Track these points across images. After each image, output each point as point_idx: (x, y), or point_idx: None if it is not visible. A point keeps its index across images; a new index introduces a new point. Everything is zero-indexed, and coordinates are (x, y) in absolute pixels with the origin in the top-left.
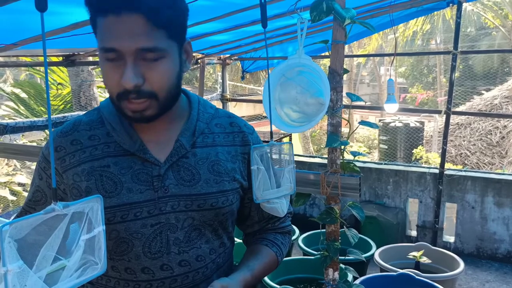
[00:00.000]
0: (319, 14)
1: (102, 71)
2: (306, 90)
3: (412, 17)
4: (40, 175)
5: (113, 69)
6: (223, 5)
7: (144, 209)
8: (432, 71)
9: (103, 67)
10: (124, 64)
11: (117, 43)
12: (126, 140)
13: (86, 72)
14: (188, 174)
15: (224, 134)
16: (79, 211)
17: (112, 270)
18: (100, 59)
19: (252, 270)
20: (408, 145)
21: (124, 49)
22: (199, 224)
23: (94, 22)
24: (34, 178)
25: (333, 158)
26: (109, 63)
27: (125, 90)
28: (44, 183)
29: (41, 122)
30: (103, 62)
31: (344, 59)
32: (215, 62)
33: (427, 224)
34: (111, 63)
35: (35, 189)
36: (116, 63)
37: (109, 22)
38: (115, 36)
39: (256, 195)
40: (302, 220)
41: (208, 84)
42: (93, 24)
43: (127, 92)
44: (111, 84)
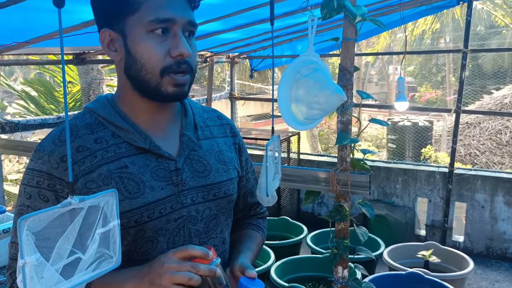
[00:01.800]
0: (330, 11)
1: (145, 46)
2: (325, 87)
3: (422, 15)
4: (45, 196)
5: (159, 43)
6: (233, 3)
7: (167, 204)
8: (441, 70)
9: (147, 43)
10: (174, 36)
11: (173, 14)
12: (137, 138)
13: (95, 71)
14: (200, 165)
15: (216, 126)
16: (95, 205)
17: None
18: (140, 35)
19: (252, 251)
20: (417, 144)
21: (179, 19)
22: (215, 214)
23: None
24: (32, 207)
25: (343, 155)
26: (156, 37)
27: (175, 62)
28: (52, 203)
29: (52, 120)
30: (147, 36)
31: (354, 57)
32: (224, 60)
33: (436, 223)
34: (158, 37)
35: None
36: (162, 37)
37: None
38: (170, 7)
39: (267, 190)
40: (310, 219)
41: (215, 83)
42: (128, 1)
43: (177, 63)
44: (156, 58)
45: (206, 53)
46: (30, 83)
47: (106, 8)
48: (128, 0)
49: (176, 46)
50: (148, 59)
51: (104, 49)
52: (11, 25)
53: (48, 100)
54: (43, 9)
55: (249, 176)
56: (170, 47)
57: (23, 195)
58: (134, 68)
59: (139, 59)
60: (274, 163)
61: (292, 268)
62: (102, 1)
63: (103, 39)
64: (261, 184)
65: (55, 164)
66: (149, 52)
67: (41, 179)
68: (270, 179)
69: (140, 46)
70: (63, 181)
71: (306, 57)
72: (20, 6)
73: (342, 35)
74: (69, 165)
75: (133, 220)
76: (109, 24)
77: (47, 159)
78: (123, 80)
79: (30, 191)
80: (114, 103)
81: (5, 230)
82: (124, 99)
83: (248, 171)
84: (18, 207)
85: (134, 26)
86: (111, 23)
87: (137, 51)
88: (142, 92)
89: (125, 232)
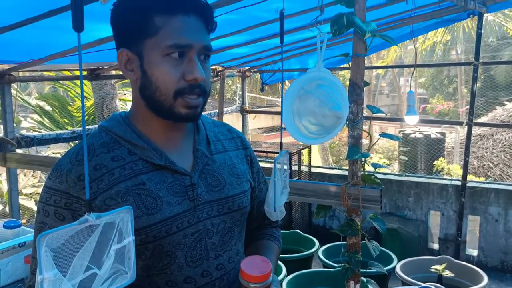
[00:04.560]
0: (339, 28)
1: (161, 69)
2: (324, 104)
3: (432, 28)
4: (60, 215)
5: (175, 66)
6: (244, 19)
7: (184, 219)
8: (453, 82)
9: (163, 66)
10: (189, 61)
11: (190, 40)
12: (152, 155)
13: (109, 85)
14: (215, 179)
15: (228, 140)
16: (111, 222)
17: (150, 286)
18: (157, 58)
19: (273, 264)
20: (429, 156)
21: (195, 44)
22: (230, 227)
23: (151, 22)
24: (49, 225)
25: (354, 170)
26: (172, 60)
27: (188, 85)
28: (68, 222)
29: (66, 135)
30: (163, 60)
31: (364, 71)
32: (235, 74)
33: (449, 236)
34: (174, 60)
35: None
36: (178, 61)
37: (180, 21)
38: (188, 33)
39: (275, 204)
40: (322, 232)
41: (226, 96)
42: (148, 25)
43: (191, 87)
44: (171, 80)
45: (218, 67)
46: (45, 98)
47: (125, 29)
48: (147, 24)
49: (190, 71)
50: (163, 81)
51: (120, 68)
52: (27, 42)
53: (62, 114)
54: (58, 27)
55: (261, 187)
56: (185, 71)
57: (41, 213)
58: (149, 89)
59: (154, 81)
60: (282, 178)
61: (304, 282)
62: (122, 23)
63: (121, 59)
64: (269, 199)
65: (72, 183)
66: (164, 75)
67: (58, 197)
68: (278, 193)
69: (156, 68)
70: (80, 199)
71: (314, 73)
72: (36, 24)
73: (352, 51)
74: (86, 182)
75: (151, 235)
76: (127, 45)
77: (65, 178)
78: (138, 98)
79: (48, 209)
80: (128, 121)
81: (20, 244)
82: (138, 117)
83: (260, 181)
84: (38, 224)
85: (152, 49)
86: (129, 44)
87: (153, 73)
88: (156, 112)
89: (143, 247)
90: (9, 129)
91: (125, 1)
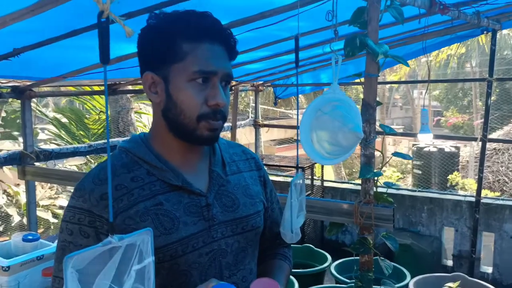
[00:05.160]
0: (352, 49)
1: (186, 94)
2: (343, 125)
3: (446, 44)
4: (85, 233)
5: (199, 91)
6: (259, 36)
7: (199, 239)
8: (468, 95)
9: (187, 90)
10: (213, 87)
11: (215, 67)
12: (170, 176)
13: (124, 99)
14: (229, 200)
15: (242, 161)
16: (132, 243)
17: None
18: (182, 83)
19: (282, 285)
20: (443, 170)
21: (219, 71)
22: (244, 246)
23: (178, 48)
24: (74, 243)
25: (366, 188)
26: (196, 85)
27: (211, 110)
28: (93, 239)
29: (83, 148)
30: (189, 85)
31: (377, 92)
32: (248, 88)
33: (463, 253)
34: (198, 85)
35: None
36: (202, 86)
37: (207, 49)
38: (213, 60)
39: (292, 226)
40: (334, 247)
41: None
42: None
43: (213, 112)
44: (195, 104)
45: (231, 81)
46: (62, 111)
47: (153, 54)
48: (175, 50)
49: (213, 96)
50: (188, 105)
51: (145, 90)
52: (48, 60)
53: (78, 127)
54: (78, 46)
55: (274, 207)
56: (208, 96)
57: (65, 231)
58: (174, 112)
59: (179, 105)
60: (298, 200)
61: None
62: (150, 47)
63: (145, 81)
64: (285, 221)
65: (95, 202)
66: (189, 99)
67: (82, 216)
68: (294, 216)
69: (182, 93)
70: (102, 218)
71: (329, 95)
72: (56, 43)
73: (365, 71)
74: (109, 205)
75: (168, 254)
76: (153, 68)
77: (88, 197)
78: (159, 120)
79: (72, 228)
80: (148, 142)
81: (39, 257)
82: (158, 138)
83: (273, 201)
84: (61, 242)
85: (178, 74)
86: (155, 68)
87: (178, 97)
88: (178, 134)
89: (160, 266)
90: (29, 143)
91: (154, 27)
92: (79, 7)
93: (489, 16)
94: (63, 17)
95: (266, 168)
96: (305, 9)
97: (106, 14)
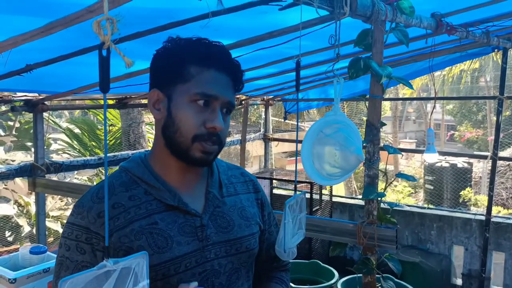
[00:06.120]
0: (356, 71)
1: (185, 113)
2: (345, 147)
3: (456, 61)
4: (82, 249)
5: (199, 113)
6: (269, 54)
7: (192, 259)
8: (482, 109)
9: (187, 109)
10: (213, 111)
11: (218, 92)
12: (166, 196)
13: (136, 112)
14: (224, 221)
15: (240, 183)
16: (127, 267)
17: None
18: (184, 102)
19: None
20: (455, 186)
21: (221, 97)
22: (237, 267)
23: (186, 70)
24: (70, 259)
25: (369, 209)
26: (197, 107)
27: (207, 132)
28: (89, 256)
29: (93, 161)
30: (189, 105)
31: (381, 113)
32: (258, 103)
33: (473, 272)
34: (199, 107)
35: (79, 268)
36: (202, 109)
37: (212, 75)
38: (216, 86)
39: (285, 246)
40: (342, 262)
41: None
42: (183, 73)
43: (209, 134)
44: (192, 124)
45: (242, 96)
46: (75, 122)
47: (163, 73)
48: (183, 71)
49: (212, 119)
50: (185, 124)
51: (149, 106)
52: (60, 75)
53: (90, 138)
54: (88, 63)
55: (272, 230)
56: (207, 119)
57: (63, 247)
58: (171, 129)
59: (177, 122)
60: (297, 219)
61: None
62: (161, 68)
63: (151, 98)
64: (279, 240)
65: (93, 220)
66: (187, 119)
67: (80, 233)
68: (289, 235)
69: (181, 111)
70: (99, 235)
71: (331, 117)
72: (68, 61)
73: (369, 92)
74: (106, 230)
75: (160, 273)
76: (160, 87)
77: (86, 214)
78: (159, 137)
79: (69, 244)
80: (147, 162)
81: (45, 270)
82: (157, 157)
83: (271, 224)
84: (59, 257)
85: (181, 93)
86: (162, 86)
87: (177, 115)
88: (173, 152)
89: (152, 285)
90: (40, 155)
91: (168, 50)
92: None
93: (499, 35)
94: (73, 36)
95: (275, 182)
96: (308, 31)
97: (107, 45)
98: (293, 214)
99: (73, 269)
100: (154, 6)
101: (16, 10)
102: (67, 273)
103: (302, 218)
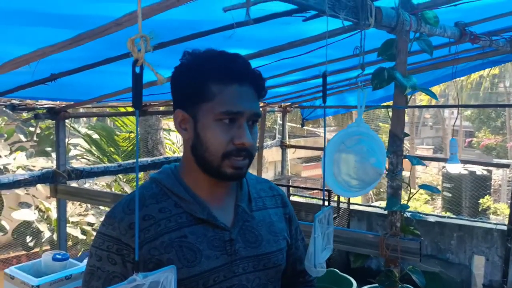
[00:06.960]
0: (380, 82)
1: (212, 133)
2: (365, 160)
3: (478, 69)
4: (113, 260)
5: (226, 130)
6: (289, 62)
7: (221, 273)
8: (501, 115)
9: (214, 129)
10: (239, 127)
11: (243, 107)
12: (196, 209)
13: (154, 118)
14: (252, 236)
15: (269, 197)
16: (156, 280)
17: None
18: (209, 122)
19: None
20: (474, 194)
21: (246, 112)
22: (264, 283)
23: (208, 89)
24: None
25: (393, 220)
26: (223, 125)
27: (236, 148)
28: (119, 267)
29: (113, 168)
30: (215, 124)
31: (404, 124)
32: (276, 110)
33: (494, 283)
34: (225, 125)
35: (110, 278)
36: (229, 125)
37: (235, 90)
38: (241, 101)
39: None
40: (360, 271)
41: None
42: (205, 91)
43: (238, 150)
44: (221, 143)
45: (259, 103)
46: (93, 128)
47: (184, 92)
48: (204, 90)
49: (239, 136)
50: (213, 143)
51: (176, 126)
52: (83, 84)
53: (109, 143)
54: (110, 72)
55: (298, 244)
56: (234, 136)
57: (94, 257)
58: (200, 149)
59: (205, 142)
60: (325, 233)
61: None
62: (182, 86)
63: (176, 118)
64: (309, 254)
65: (124, 231)
66: (215, 138)
67: (111, 243)
68: (318, 250)
69: (208, 131)
70: (129, 246)
71: (353, 129)
72: (90, 70)
73: (393, 102)
74: (136, 243)
75: (189, 287)
76: (183, 106)
77: (117, 225)
78: (188, 155)
79: (100, 254)
80: (177, 174)
81: (67, 277)
82: (187, 171)
83: (297, 239)
84: (89, 267)
85: (206, 113)
86: (185, 106)
87: (205, 135)
88: (204, 170)
89: None
90: (61, 162)
91: (186, 67)
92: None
93: None
94: (98, 46)
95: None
96: (332, 41)
97: (140, 62)
98: (322, 229)
99: (105, 278)
100: (178, 18)
101: (46, 22)
102: (99, 282)
103: (330, 233)
